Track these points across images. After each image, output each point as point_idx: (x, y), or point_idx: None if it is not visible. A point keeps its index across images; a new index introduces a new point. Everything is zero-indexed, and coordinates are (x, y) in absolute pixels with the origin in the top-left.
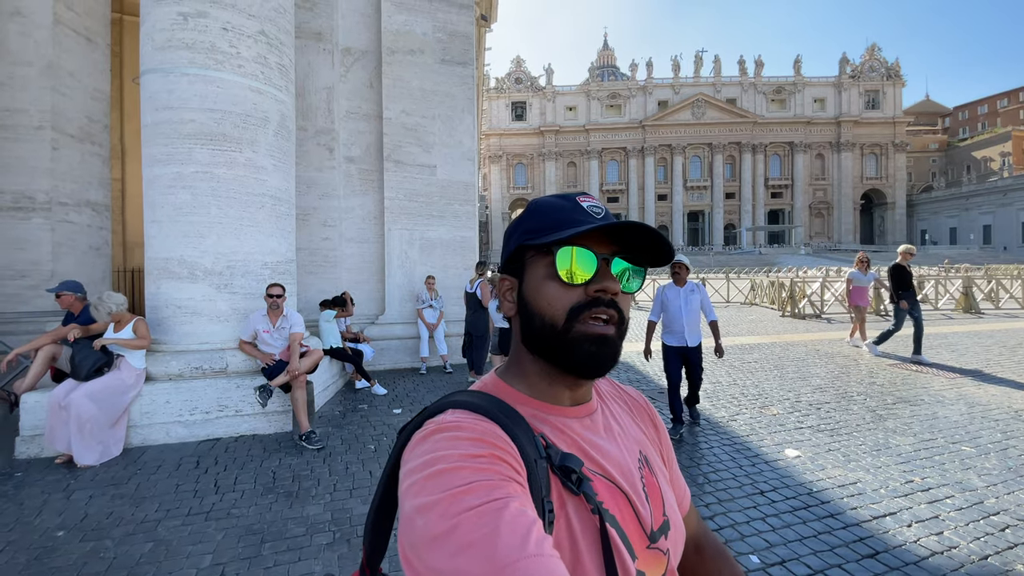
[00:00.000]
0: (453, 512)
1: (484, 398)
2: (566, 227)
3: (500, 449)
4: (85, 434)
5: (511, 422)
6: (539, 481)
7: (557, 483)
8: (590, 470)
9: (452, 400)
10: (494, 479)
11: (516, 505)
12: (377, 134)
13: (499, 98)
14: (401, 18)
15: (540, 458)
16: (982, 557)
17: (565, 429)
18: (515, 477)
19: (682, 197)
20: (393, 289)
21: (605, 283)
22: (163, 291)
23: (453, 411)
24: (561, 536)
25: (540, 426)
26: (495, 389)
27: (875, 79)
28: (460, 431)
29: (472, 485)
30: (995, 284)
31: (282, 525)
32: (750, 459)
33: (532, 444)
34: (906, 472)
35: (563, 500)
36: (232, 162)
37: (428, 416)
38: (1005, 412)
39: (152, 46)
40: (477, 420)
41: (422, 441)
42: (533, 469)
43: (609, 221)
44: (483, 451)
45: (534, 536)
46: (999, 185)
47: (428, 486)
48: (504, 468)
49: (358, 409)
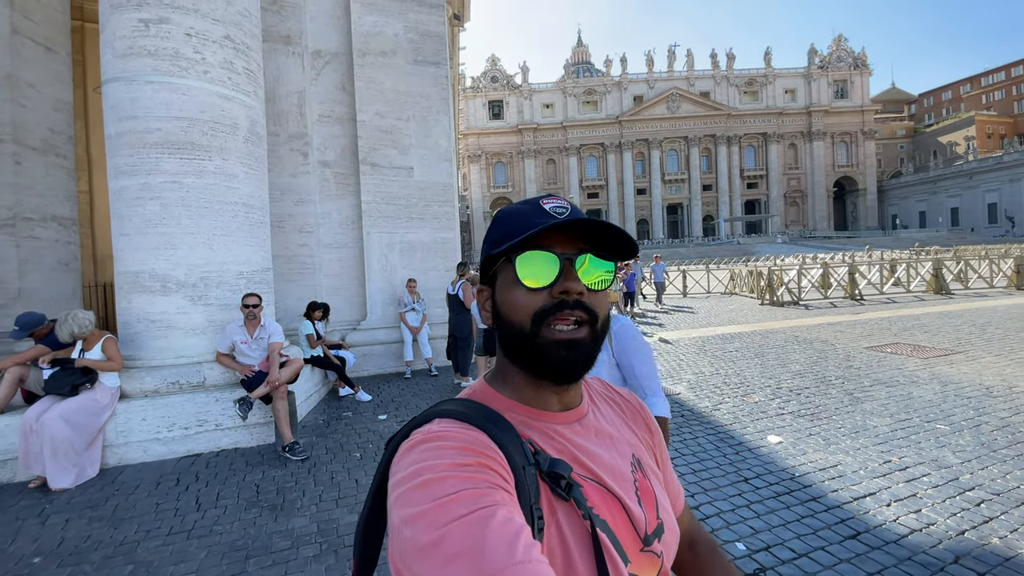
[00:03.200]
0: (440, 522)
1: (471, 406)
2: (527, 229)
3: (487, 457)
4: (59, 456)
5: (498, 429)
6: (527, 488)
7: (546, 489)
8: (580, 475)
9: (439, 409)
10: (481, 487)
11: (503, 513)
12: (351, 137)
13: (475, 97)
14: (371, 19)
15: (528, 465)
16: (959, 532)
17: (554, 435)
18: (502, 485)
19: (661, 191)
20: (374, 293)
21: (567, 284)
22: (135, 305)
23: (440, 420)
24: (553, 543)
25: (529, 432)
26: (483, 396)
27: (843, 69)
28: (446, 440)
29: (459, 494)
30: (964, 265)
31: (267, 539)
32: (734, 447)
33: (520, 451)
34: (884, 452)
35: (553, 507)
36: (202, 171)
37: (415, 426)
38: (977, 389)
39: (113, 54)
40: (464, 429)
41: (409, 451)
42: (521, 476)
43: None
44: (470, 460)
45: (521, 543)
46: (965, 169)
47: (415, 497)
48: (491, 476)
49: (342, 417)
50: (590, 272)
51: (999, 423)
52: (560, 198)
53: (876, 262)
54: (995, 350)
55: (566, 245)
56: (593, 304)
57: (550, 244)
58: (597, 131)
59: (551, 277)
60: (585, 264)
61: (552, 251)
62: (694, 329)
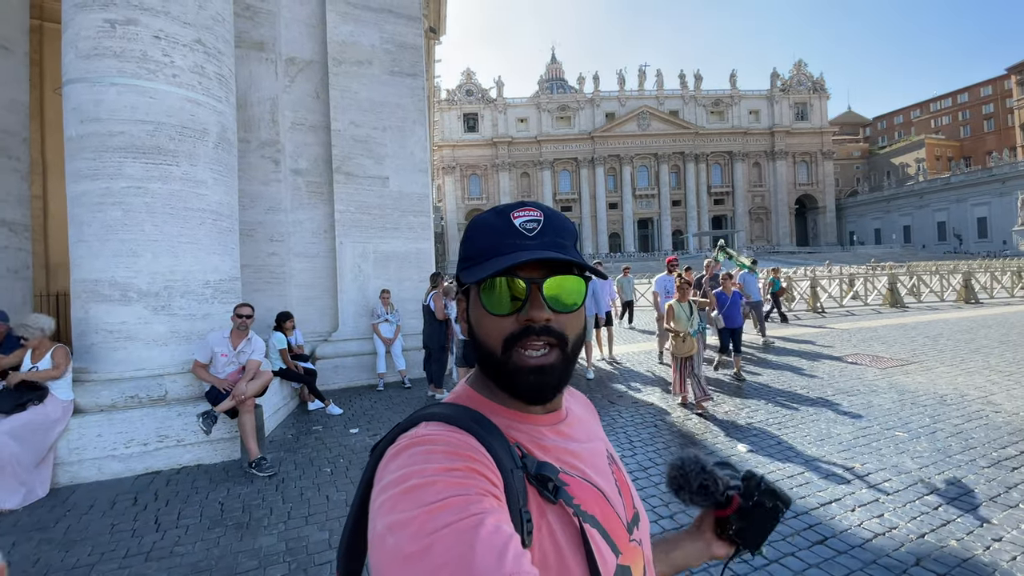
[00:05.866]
0: (427, 530)
1: (457, 409)
2: (495, 253)
3: (476, 461)
4: (6, 475)
5: (486, 432)
6: (516, 491)
7: (534, 492)
8: (567, 473)
9: (425, 413)
10: (470, 493)
11: (492, 521)
12: (325, 146)
13: (450, 109)
14: (347, 28)
15: (516, 468)
16: (919, 536)
17: (539, 438)
18: (491, 490)
19: (632, 205)
20: (347, 304)
21: (532, 313)
22: (92, 315)
23: (427, 424)
24: (545, 544)
25: (515, 434)
26: (468, 400)
27: (803, 92)
28: (434, 444)
29: (447, 501)
30: (916, 280)
31: (232, 560)
32: (706, 455)
33: (508, 454)
34: (847, 459)
35: (542, 508)
36: (168, 176)
37: (401, 430)
38: (932, 398)
39: (76, 54)
40: (451, 432)
41: (395, 456)
42: (510, 479)
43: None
44: (458, 464)
45: (511, 553)
46: (916, 189)
47: (402, 502)
48: (480, 481)
49: (312, 431)
50: (558, 293)
51: (953, 430)
52: (532, 208)
53: (836, 276)
54: (947, 360)
55: (533, 269)
56: (562, 327)
57: (517, 268)
58: (570, 146)
59: (516, 305)
60: (553, 286)
61: (518, 276)
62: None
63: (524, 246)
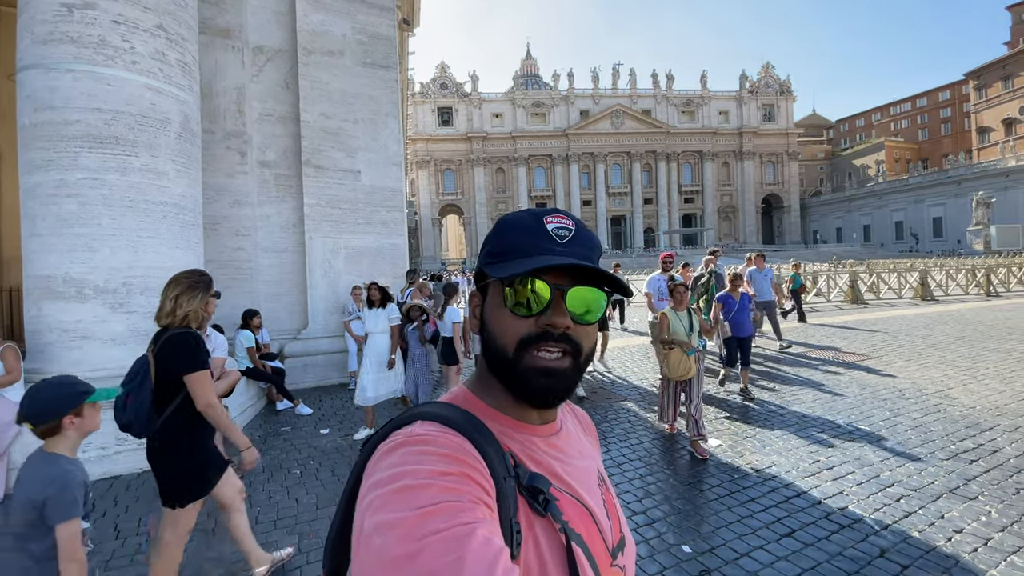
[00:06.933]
0: (417, 535)
1: (455, 411)
2: (523, 254)
3: (470, 467)
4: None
5: (481, 437)
6: (508, 500)
7: (524, 503)
8: (558, 488)
9: (420, 411)
10: (463, 500)
11: (483, 532)
12: (294, 137)
13: (424, 103)
14: (318, 17)
15: (509, 476)
16: (883, 527)
17: (532, 448)
18: (484, 499)
19: (605, 203)
20: (317, 301)
21: (554, 318)
22: (46, 313)
23: (422, 423)
24: (529, 557)
25: (509, 443)
26: (465, 401)
27: (770, 94)
28: (429, 445)
29: (440, 506)
30: (876, 277)
31: (197, 567)
32: (678, 451)
33: (502, 462)
34: (813, 453)
35: (531, 520)
36: (126, 167)
37: (395, 427)
38: (891, 392)
39: (31, 39)
40: (447, 434)
41: (388, 454)
42: (502, 487)
43: (570, 250)
44: (453, 468)
45: (500, 567)
46: (875, 190)
47: (392, 502)
48: (473, 488)
49: (280, 432)
50: (581, 304)
51: (912, 423)
52: (564, 216)
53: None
54: (905, 356)
55: (560, 276)
56: (579, 336)
57: (545, 272)
58: (545, 143)
59: (539, 307)
60: (577, 295)
61: (545, 279)
62: (621, 337)
63: (556, 251)
